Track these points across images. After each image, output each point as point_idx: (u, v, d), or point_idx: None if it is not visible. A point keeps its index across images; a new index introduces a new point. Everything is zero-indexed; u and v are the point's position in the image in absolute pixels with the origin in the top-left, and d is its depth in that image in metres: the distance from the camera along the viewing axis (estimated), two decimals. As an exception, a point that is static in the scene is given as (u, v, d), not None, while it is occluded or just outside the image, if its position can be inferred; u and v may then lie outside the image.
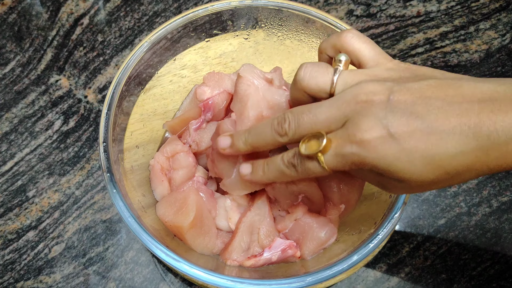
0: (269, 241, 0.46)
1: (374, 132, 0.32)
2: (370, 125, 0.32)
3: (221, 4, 0.53)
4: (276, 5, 0.53)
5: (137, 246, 0.56)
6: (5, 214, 0.57)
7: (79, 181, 0.59)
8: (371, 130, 0.32)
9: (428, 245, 0.56)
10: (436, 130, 0.30)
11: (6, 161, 0.60)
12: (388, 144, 0.31)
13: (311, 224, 0.46)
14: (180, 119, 0.52)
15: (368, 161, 0.32)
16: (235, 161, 0.44)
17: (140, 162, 0.51)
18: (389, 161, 0.32)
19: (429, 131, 0.31)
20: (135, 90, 0.52)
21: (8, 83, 0.65)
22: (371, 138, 0.32)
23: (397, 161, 0.31)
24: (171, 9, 0.71)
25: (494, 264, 0.55)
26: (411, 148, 0.31)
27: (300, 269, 0.45)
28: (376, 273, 0.55)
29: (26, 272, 0.55)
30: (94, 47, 0.68)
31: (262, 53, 0.58)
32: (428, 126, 0.31)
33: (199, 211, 0.46)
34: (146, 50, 0.51)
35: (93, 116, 0.63)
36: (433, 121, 0.31)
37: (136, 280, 0.54)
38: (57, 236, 0.56)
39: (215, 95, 0.50)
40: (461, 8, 0.71)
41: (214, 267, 0.44)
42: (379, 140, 0.31)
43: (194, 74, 0.57)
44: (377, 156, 0.32)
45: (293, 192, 0.46)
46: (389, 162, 0.32)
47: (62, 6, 0.71)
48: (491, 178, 0.59)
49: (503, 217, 0.57)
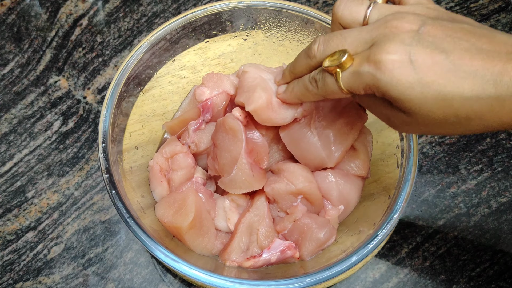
0: (268, 242, 0.46)
1: (395, 55, 0.31)
2: (393, 48, 0.31)
3: (220, 5, 0.53)
4: (275, 6, 0.53)
5: (136, 246, 0.56)
6: (4, 215, 0.57)
7: (78, 182, 0.59)
8: (392, 53, 0.31)
9: (427, 246, 0.56)
10: (457, 68, 0.30)
11: (5, 162, 0.60)
12: (405, 70, 0.31)
13: (310, 225, 0.46)
14: (179, 120, 0.52)
15: (381, 85, 0.32)
16: (236, 159, 0.44)
17: (139, 163, 0.51)
18: (402, 89, 0.31)
19: (450, 67, 0.30)
20: (134, 91, 0.52)
21: (7, 84, 0.65)
22: (390, 60, 0.31)
23: (410, 90, 0.31)
24: (170, 10, 0.71)
25: (493, 264, 0.55)
26: (427, 80, 0.30)
27: (299, 270, 0.45)
28: (375, 274, 0.55)
29: (25, 273, 0.55)
30: (93, 48, 0.68)
31: (261, 54, 0.58)
32: (450, 62, 0.30)
33: (198, 212, 0.46)
34: (145, 51, 0.51)
35: (92, 117, 0.63)
36: (456, 59, 0.30)
37: (135, 280, 0.54)
38: (56, 237, 0.56)
39: (214, 96, 0.50)
40: (460, 9, 0.71)
41: (213, 268, 0.44)
42: (397, 64, 0.31)
43: (193, 75, 0.57)
44: (391, 80, 0.31)
45: (292, 193, 0.46)
46: (402, 89, 0.31)
47: (61, 7, 0.71)
48: (490, 179, 0.59)
49: (502, 218, 0.57)
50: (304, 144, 0.46)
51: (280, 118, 0.45)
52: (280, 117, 0.44)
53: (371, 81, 0.32)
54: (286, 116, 0.45)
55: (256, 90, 0.44)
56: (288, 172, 0.46)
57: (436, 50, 0.31)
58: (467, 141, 0.62)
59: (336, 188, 0.47)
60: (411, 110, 0.32)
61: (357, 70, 0.33)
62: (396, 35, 0.32)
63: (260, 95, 0.44)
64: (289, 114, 0.45)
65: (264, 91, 0.44)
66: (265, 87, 0.44)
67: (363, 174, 0.48)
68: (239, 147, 0.44)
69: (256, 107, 0.44)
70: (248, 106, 0.44)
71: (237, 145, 0.44)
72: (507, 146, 0.61)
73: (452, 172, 0.60)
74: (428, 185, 0.59)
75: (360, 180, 0.49)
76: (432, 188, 0.59)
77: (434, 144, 0.61)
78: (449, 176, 0.60)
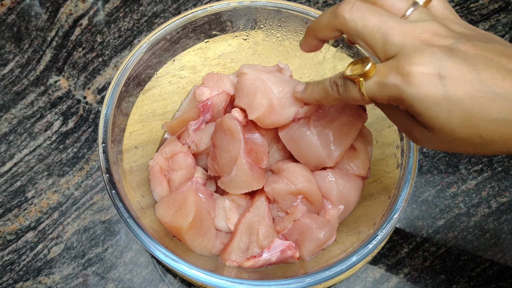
0: (268, 242, 0.46)
1: (425, 68, 0.30)
2: (422, 61, 0.30)
3: (220, 4, 0.53)
4: (275, 6, 0.53)
5: (136, 247, 0.56)
6: (4, 215, 0.57)
7: (78, 182, 0.59)
8: (422, 66, 0.30)
9: (427, 246, 0.56)
10: (487, 88, 0.29)
11: (5, 162, 0.60)
12: (433, 86, 0.30)
13: (310, 225, 0.46)
14: (179, 120, 0.52)
15: (407, 98, 0.31)
16: (235, 159, 0.44)
17: (139, 163, 0.51)
18: (428, 104, 0.30)
19: (479, 87, 0.29)
20: (134, 91, 0.52)
21: (7, 84, 0.65)
22: (419, 73, 0.30)
23: (436, 106, 0.30)
24: (170, 10, 0.71)
25: (493, 265, 0.55)
26: (455, 98, 0.29)
27: (299, 270, 0.45)
28: (375, 274, 0.55)
29: (25, 273, 0.55)
30: (93, 48, 0.68)
31: (261, 54, 0.58)
32: (480, 82, 0.29)
33: (198, 212, 0.46)
34: (145, 51, 0.51)
35: (92, 117, 0.63)
36: (487, 79, 0.29)
37: (135, 281, 0.54)
38: (56, 237, 0.56)
39: (214, 96, 0.50)
40: (460, 9, 0.71)
41: (213, 268, 0.44)
42: (426, 78, 0.30)
43: (193, 75, 0.57)
44: (418, 94, 0.30)
45: (292, 193, 0.46)
46: (428, 105, 0.30)
47: (61, 7, 0.70)
48: (490, 179, 0.59)
49: (502, 218, 0.57)
50: (303, 143, 0.46)
51: (284, 119, 0.45)
52: (283, 118, 0.45)
53: (397, 93, 0.31)
54: (289, 116, 0.45)
55: (256, 96, 0.44)
56: (288, 172, 0.46)
57: (468, 67, 0.30)
58: (467, 141, 0.62)
59: (336, 188, 0.47)
60: (435, 127, 0.31)
61: (383, 81, 0.32)
62: (427, 47, 0.31)
63: (261, 102, 0.44)
64: (292, 112, 0.44)
65: (264, 96, 0.44)
66: (264, 91, 0.44)
67: (363, 174, 0.48)
68: (237, 147, 0.44)
69: (259, 116, 0.44)
70: (250, 115, 0.45)
71: (235, 145, 0.44)
72: (507, 146, 0.61)
73: (452, 172, 0.60)
74: (428, 185, 0.59)
75: (360, 180, 0.49)
76: (432, 188, 0.59)
77: (434, 144, 0.61)
78: (449, 176, 0.60)
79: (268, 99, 0.44)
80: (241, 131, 0.44)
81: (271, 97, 0.44)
